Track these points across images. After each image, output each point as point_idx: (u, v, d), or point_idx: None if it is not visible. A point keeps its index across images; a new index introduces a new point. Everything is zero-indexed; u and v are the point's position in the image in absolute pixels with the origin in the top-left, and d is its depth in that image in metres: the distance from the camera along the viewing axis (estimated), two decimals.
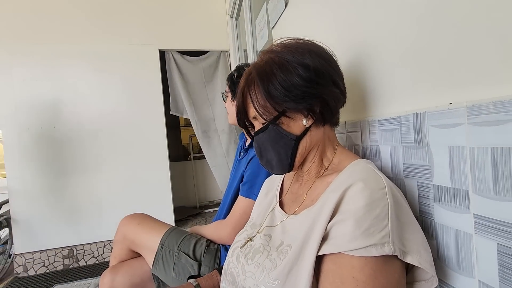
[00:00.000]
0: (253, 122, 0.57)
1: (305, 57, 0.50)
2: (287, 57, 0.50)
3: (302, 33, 0.97)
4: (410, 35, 0.49)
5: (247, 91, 0.53)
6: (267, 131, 0.53)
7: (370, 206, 0.41)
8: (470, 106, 0.38)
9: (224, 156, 2.62)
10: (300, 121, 0.52)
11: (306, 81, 0.49)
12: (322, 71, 0.50)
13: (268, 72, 0.50)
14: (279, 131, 0.52)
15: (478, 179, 0.38)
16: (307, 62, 0.49)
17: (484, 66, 0.37)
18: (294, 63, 0.49)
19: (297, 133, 0.52)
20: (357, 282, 0.39)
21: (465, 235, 0.40)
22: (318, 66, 0.50)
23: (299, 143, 0.52)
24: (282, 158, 0.53)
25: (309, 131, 0.53)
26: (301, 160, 0.55)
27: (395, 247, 0.39)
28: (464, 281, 0.41)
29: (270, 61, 0.51)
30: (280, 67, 0.50)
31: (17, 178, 2.18)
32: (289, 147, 0.52)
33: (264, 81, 0.50)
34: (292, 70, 0.49)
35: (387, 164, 0.57)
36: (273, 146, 0.53)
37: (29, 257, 2.20)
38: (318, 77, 0.50)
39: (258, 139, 0.55)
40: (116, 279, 0.96)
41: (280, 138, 0.52)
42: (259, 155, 0.57)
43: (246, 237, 0.60)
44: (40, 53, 2.22)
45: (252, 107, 0.53)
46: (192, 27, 2.52)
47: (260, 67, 0.52)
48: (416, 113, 0.47)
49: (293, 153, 0.53)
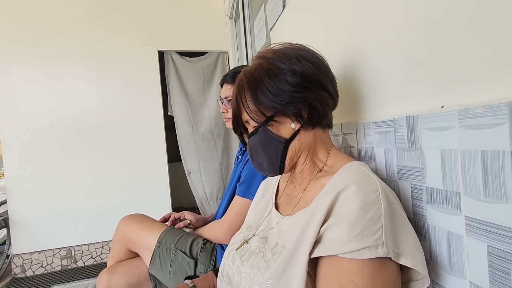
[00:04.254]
0: (247, 126, 0.58)
1: (292, 62, 0.51)
2: (275, 63, 0.52)
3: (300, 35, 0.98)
4: (404, 39, 0.50)
5: (239, 97, 0.55)
6: (258, 134, 0.54)
7: (364, 209, 0.41)
8: (461, 110, 0.38)
9: (219, 161, 2.62)
10: (289, 125, 0.53)
11: (293, 85, 0.50)
12: (310, 75, 0.51)
13: (257, 78, 0.52)
14: (269, 134, 0.53)
15: (469, 182, 0.38)
16: (294, 67, 0.51)
17: (476, 70, 0.38)
18: (282, 69, 0.51)
19: (286, 137, 0.53)
20: (356, 285, 0.39)
21: (457, 236, 0.41)
22: (306, 70, 0.51)
23: (288, 146, 0.54)
24: (272, 161, 0.55)
25: (298, 134, 0.54)
26: (291, 163, 0.56)
27: (388, 249, 0.40)
28: (455, 282, 0.42)
29: (259, 67, 0.53)
30: (267, 73, 0.51)
31: (15, 178, 2.18)
32: (279, 150, 0.53)
33: (253, 87, 0.52)
34: (280, 75, 0.51)
35: (382, 166, 0.57)
36: (264, 149, 0.55)
37: (27, 258, 2.20)
38: (305, 81, 0.51)
39: (250, 142, 0.57)
40: (113, 279, 0.96)
41: (270, 141, 0.54)
42: (251, 158, 0.58)
43: (242, 239, 0.60)
44: (39, 53, 2.23)
45: (244, 112, 0.55)
46: (191, 28, 2.53)
47: (249, 73, 0.54)
48: (409, 115, 0.48)
49: (283, 156, 0.54)
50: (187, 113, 2.55)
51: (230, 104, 1.05)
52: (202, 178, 2.58)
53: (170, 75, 2.54)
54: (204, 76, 2.61)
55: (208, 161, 2.59)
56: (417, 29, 0.46)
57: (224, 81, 1.10)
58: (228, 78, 1.08)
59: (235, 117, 0.58)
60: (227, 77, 1.09)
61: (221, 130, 2.62)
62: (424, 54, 0.45)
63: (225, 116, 1.09)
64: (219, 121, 2.60)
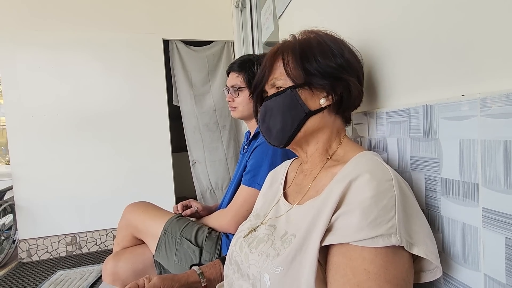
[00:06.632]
0: (269, 90, 0.58)
1: (341, 47, 0.55)
2: (327, 41, 0.55)
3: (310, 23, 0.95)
4: (423, 23, 0.48)
5: (280, 53, 0.55)
6: (283, 96, 0.53)
7: (377, 197, 0.40)
8: (483, 98, 0.37)
9: (224, 152, 2.61)
10: (318, 99, 0.54)
11: (339, 65, 0.53)
12: (353, 64, 0.55)
13: (308, 44, 0.54)
14: (296, 99, 0.53)
15: (489, 172, 0.37)
16: (343, 51, 0.54)
17: (498, 57, 0.36)
18: (332, 47, 0.54)
19: (311, 108, 0.53)
20: (369, 274, 0.39)
21: (473, 228, 0.40)
22: (350, 58, 0.55)
23: (307, 119, 0.53)
24: (285, 128, 0.54)
25: (322, 112, 0.54)
26: (302, 138, 0.55)
27: (401, 238, 0.39)
28: (469, 274, 0.41)
29: (313, 38, 0.55)
30: (318, 45, 0.54)
31: (21, 164, 2.19)
32: (298, 118, 0.53)
33: (302, 50, 0.53)
34: (329, 52, 0.53)
35: (394, 157, 0.56)
36: (283, 113, 0.53)
37: (32, 243, 2.23)
38: (349, 67, 0.54)
39: (268, 104, 0.56)
40: (118, 265, 0.97)
41: (293, 107, 0.53)
42: (262, 120, 0.58)
43: (249, 227, 0.60)
44: (43, 40, 2.21)
45: (280, 69, 0.55)
46: (197, 17, 2.49)
47: (301, 39, 0.56)
48: (426, 105, 0.46)
49: (299, 126, 0.53)
50: (191, 103, 2.54)
51: (236, 93, 1.04)
52: (208, 168, 2.58)
53: (175, 64, 2.52)
54: (209, 65, 2.58)
55: (213, 152, 2.59)
56: (438, 14, 0.44)
57: (231, 70, 1.08)
58: (235, 67, 1.06)
59: (261, 75, 0.57)
60: (234, 65, 1.07)
61: (226, 121, 2.61)
62: (445, 41, 0.44)
63: (231, 105, 1.08)
64: (225, 112, 2.58)
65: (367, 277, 0.38)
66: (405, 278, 0.40)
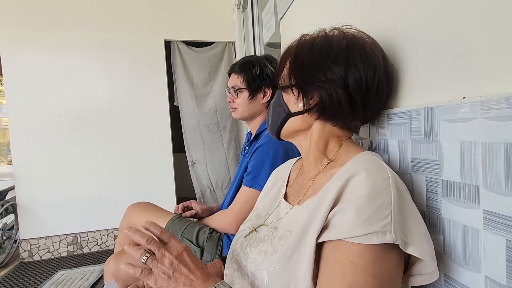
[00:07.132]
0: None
1: (345, 54, 0.51)
2: (326, 47, 0.52)
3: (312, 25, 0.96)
4: (424, 26, 0.48)
5: (285, 53, 0.57)
6: (276, 94, 0.60)
7: (373, 195, 0.41)
8: (484, 101, 0.37)
9: (224, 153, 2.61)
10: (299, 103, 0.55)
11: (322, 73, 0.51)
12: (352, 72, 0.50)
13: (301, 49, 0.54)
14: (280, 99, 0.58)
15: (490, 175, 0.37)
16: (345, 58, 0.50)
17: (499, 60, 0.36)
18: (326, 56, 0.51)
19: (291, 110, 0.56)
20: (355, 266, 0.39)
21: (473, 230, 0.40)
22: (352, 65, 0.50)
23: (287, 119, 0.57)
24: (274, 123, 0.60)
25: (303, 115, 0.55)
26: (287, 134, 0.59)
27: (396, 236, 0.39)
28: (470, 276, 0.41)
29: (314, 41, 0.53)
30: (309, 51, 0.53)
31: (23, 164, 2.21)
32: (281, 117, 0.58)
33: (296, 54, 0.54)
34: (318, 59, 0.52)
35: (395, 159, 0.56)
36: (274, 109, 0.60)
37: (34, 243, 2.24)
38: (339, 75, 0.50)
39: (273, 98, 0.62)
40: (120, 265, 0.97)
41: (278, 105, 0.58)
42: (270, 110, 0.63)
43: (250, 226, 0.60)
44: (46, 41, 2.22)
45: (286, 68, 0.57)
46: (198, 18, 2.50)
47: (302, 42, 0.56)
48: (428, 107, 0.47)
49: (282, 124, 0.58)
50: (192, 104, 2.54)
51: (235, 94, 1.05)
52: (208, 169, 2.58)
53: (176, 64, 2.53)
54: (210, 66, 2.59)
55: (213, 153, 2.59)
56: (439, 16, 0.45)
57: (232, 71, 1.08)
58: (236, 68, 1.07)
59: (279, 69, 0.60)
60: (235, 66, 1.07)
61: (227, 122, 2.61)
62: (446, 43, 0.44)
63: (231, 106, 1.08)
64: (225, 113, 2.59)
65: (353, 269, 0.39)
66: (391, 276, 0.40)
